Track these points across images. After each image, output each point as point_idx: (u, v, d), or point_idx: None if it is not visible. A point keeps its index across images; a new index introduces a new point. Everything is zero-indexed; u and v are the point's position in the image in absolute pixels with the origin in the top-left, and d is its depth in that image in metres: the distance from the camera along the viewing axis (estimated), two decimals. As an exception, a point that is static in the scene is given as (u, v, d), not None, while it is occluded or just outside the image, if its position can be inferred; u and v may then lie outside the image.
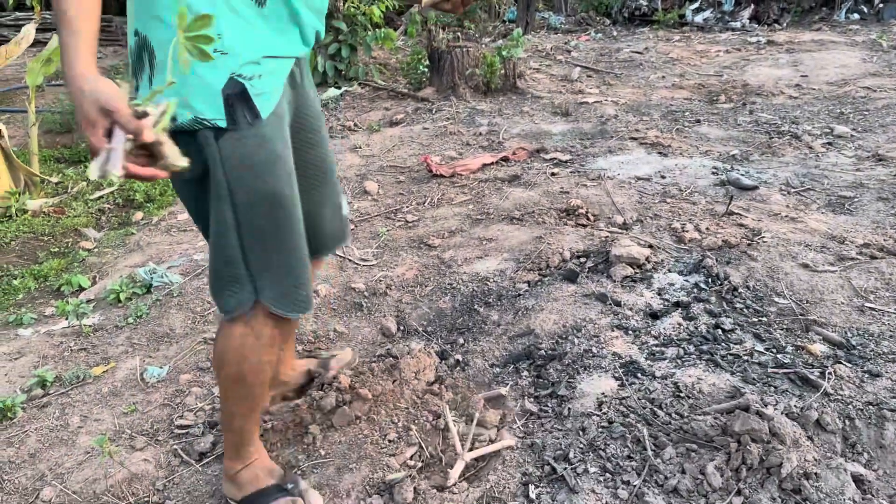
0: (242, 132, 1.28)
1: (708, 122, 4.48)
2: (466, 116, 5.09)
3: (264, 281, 1.38)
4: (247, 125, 1.28)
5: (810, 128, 4.27)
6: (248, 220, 1.34)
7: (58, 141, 4.47)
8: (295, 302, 1.42)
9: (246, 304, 1.38)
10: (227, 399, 1.52)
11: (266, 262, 1.37)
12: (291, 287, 1.41)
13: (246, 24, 1.27)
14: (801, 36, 7.01)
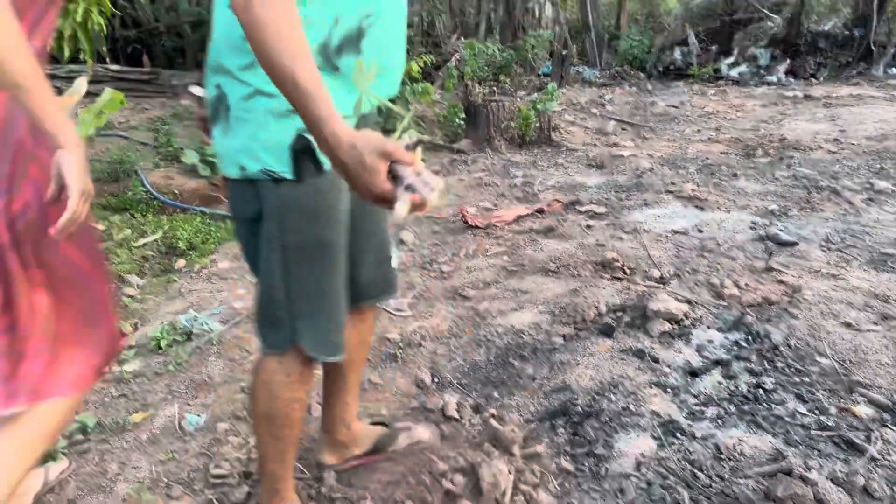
0: (303, 183, 1.36)
1: (745, 176, 4.46)
2: (501, 168, 5.14)
3: (303, 324, 1.44)
4: (309, 177, 1.36)
5: (850, 183, 4.23)
6: (296, 265, 1.42)
7: (105, 189, 4.60)
8: (328, 347, 1.48)
9: (283, 344, 1.46)
10: (259, 440, 1.59)
11: (306, 306, 1.44)
12: (326, 332, 1.47)
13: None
14: (838, 90, 6.98)
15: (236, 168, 1.37)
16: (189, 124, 6.71)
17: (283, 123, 1.33)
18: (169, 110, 7.36)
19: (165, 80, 8.14)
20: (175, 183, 4.66)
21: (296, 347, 1.46)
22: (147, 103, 7.78)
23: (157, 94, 8.06)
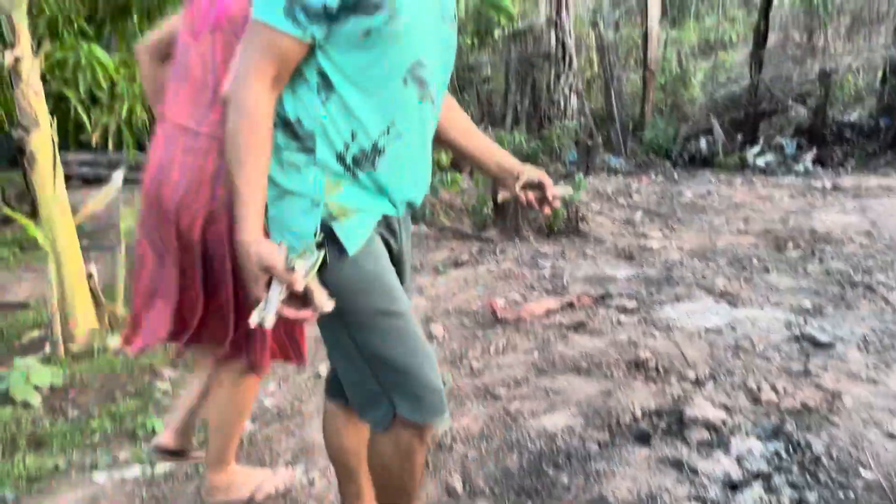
0: (331, 268, 1.44)
1: (777, 271, 4.44)
2: (530, 258, 5.17)
3: (397, 394, 1.50)
4: (335, 260, 1.44)
5: (884, 278, 4.19)
6: (367, 342, 1.49)
7: (141, 278, 4.70)
8: (428, 407, 1.51)
9: (387, 420, 1.53)
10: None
11: (394, 376, 1.50)
12: (421, 396, 1.51)
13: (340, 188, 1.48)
14: (867, 181, 6.99)
15: None
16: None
17: (308, 217, 1.44)
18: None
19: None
20: (209, 272, 4.74)
21: (400, 419, 1.51)
22: (183, 190, 8.00)
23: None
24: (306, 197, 1.44)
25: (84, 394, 3.30)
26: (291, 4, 1.34)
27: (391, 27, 1.39)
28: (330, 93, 1.42)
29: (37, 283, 4.92)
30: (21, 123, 3.50)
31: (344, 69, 1.42)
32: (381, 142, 1.46)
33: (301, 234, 1.44)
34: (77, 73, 4.87)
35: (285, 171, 1.46)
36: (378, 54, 1.41)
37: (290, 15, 1.35)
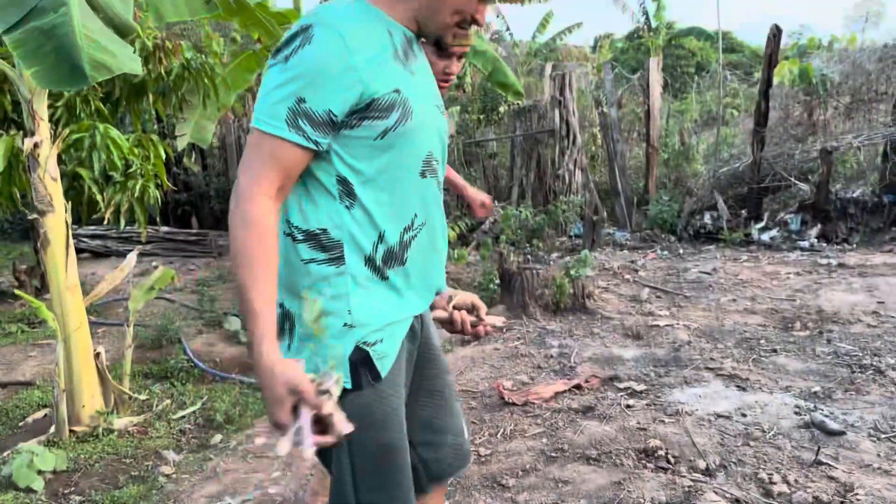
0: (364, 391, 1.44)
1: (785, 353, 4.42)
2: (537, 337, 5.16)
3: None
4: (368, 386, 1.45)
5: (893, 361, 4.16)
6: (363, 469, 1.48)
7: (148, 356, 4.70)
8: None
9: None
10: None
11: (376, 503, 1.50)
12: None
13: (371, 295, 1.47)
14: (872, 258, 7.01)
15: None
16: (232, 286, 6.92)
17: (342, 338, 1.43)
18: (214, 271, 7.62)
19: (212, 241, 8.49)
20: (216, 350, 4.76)
21: None
22: (193, 263, 8.09)
23: (203, 254, 8.39)
24: (339, 318, 1.43)
25: (87, 477, 3.27)
26: (295, 115, 1.35)
27: (406, 125, 1.43)
28: (353, 199, 1.44)
29: (44, 360, 4.93)
30: (36, 207, 3.57)
31: (364, 173, 1.44)
32: (406, 236, 1.50)
33: (332, 357, 1.43)
34: (92, 153, 4.99)
35: (316, 287, 1.44)
36: (396, 153, 1.45)
37: (293, 125, 1.35)
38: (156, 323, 5.15)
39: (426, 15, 1.48)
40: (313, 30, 1.36)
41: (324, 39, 1.35)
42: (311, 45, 1.35)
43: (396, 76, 1.43)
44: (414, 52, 1.52)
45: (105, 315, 5.93)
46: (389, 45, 1.44)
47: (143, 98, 5.59)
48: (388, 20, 1.47)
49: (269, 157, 1.37)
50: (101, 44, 2.24)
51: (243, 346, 4.79)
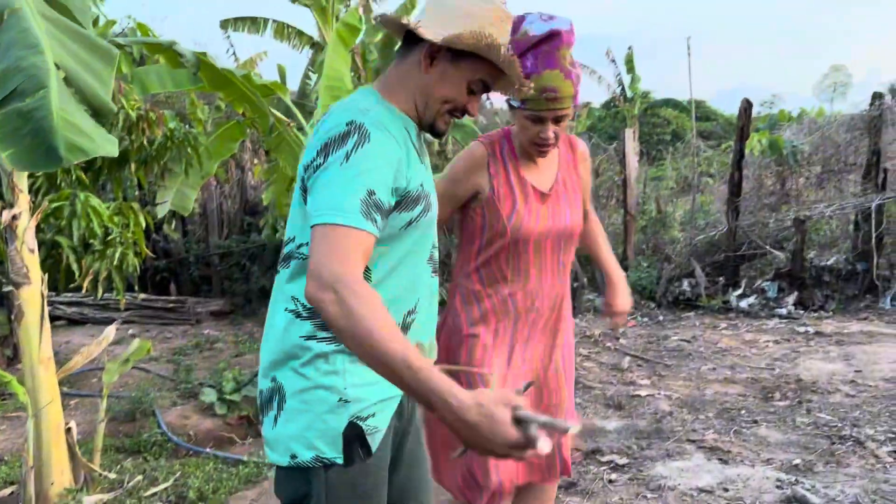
0: (356, 467, 1.49)
1: (766, 424, 4.41)
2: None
3: None
4: (359, 460, 1.49)
5: (873, 432, 4.17)
6: None
7: (121, 429, 4.59)
8: None
9: None
10: None
11: None
12: None
13: (368, 372, 1.43)
14: (849, 326, 7.08)
15: (287, 457, 1.49)
16: (209, 355, 6.83)
17: (337, 413, 1.47)
18: (191, 339, 7.53)
19: (190, 308, 8.41)
20: (191, 423, 4.66)
21: None
22: (170, 331, 7.99)
23: (180, 321, 8.30)
24: (335, 393, 1.47)
25: (52, 561, 3.14)
26: (368, 207, 1.39)
27: (426, 217, 1.57)
28: (366, 275, 1.49)
29: (13, 433, 4.80)
30: (12, 279, 3.53)
31: (381, 258, 1.52)
32: (408, 319, 1.58)
33: (324, 432, 1.47)
34: (72, 221, 4.98)
35: (314, 362, 1.49)
36: (412, 242, 1.57)
37: (368, 216, 1.39)
38: (130, 394, 5.04)
39: (421, 104, 1.59)
40: (367, 128, 1.44)
41: (380, 137, 1.45)
42: (370, 144, 1.43)
43: (421, 170, 1.58)
44: (422, 144, 1.65)
45: (78, 386, 5.81)
46: (412, 141, 1.58)
47: (125, 167, 5.62)
48: (402, 115, 1.59)
49: (352, 247, 1.36)
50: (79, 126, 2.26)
51: (219, 418, 4.70)
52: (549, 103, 2.07)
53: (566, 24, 2.08)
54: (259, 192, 9.73)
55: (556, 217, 2.24)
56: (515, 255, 2.24)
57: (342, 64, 6.66)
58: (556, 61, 2.05)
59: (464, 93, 1.57)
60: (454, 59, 1.53)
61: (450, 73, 1.54)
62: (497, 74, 1.57)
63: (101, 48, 2.63)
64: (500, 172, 2.25)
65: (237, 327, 8.12)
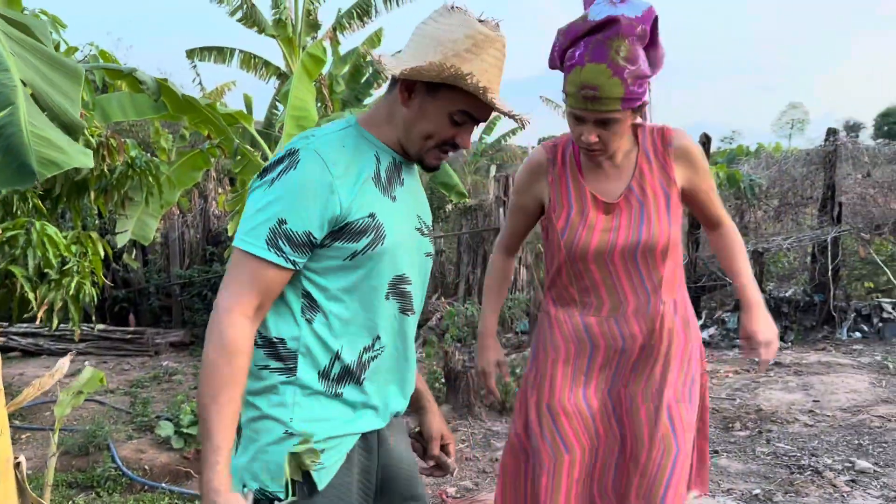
0: (298, 501, 1.44)
1: (727, 454, 4.44)
2: (482, 439, 5.09)
3: None
4: (305, 496, 1.44)
5: (830, 461, 4.22)
6: None
7: (74, 464, 4.46)
8: None
9: None
10: None
11: None
12: None
13: (318, 408, 1.48)
14: (807, 356, 7.20)
15: (239, 485, 1.45)
16: (167, 387, 6.70)
17: (282, 446, 1.44)
18: (149, 371, 7.38)
19: (149, 339, 8.25)
20: (146, 457, 4.54)
21: None
22: (128, 363, 7.83)
23: (139, 352, 8.14)
24: (282, 425, 1.45)
25: None
26: (276, 236, 1.39)
27: (376, 250, 1.47)
28: (315, 313, 1.47)
29: (-41, 469, 4.62)
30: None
31: (329, 290, 1.47)
32: (364, 357, 1.51)
33: (267, 464, 1.45)
34: (27, 250, 4.87)
35: (265, 393, 1.47)
36: (362, 274, 1.48)
37: (273, 245, 1.40)
38: (84, 427, 4.91)
39: (404, 139, 1.54)
40: (299, 154, 1.43)
41: (308, 164, 1.41)
42: (295, 170, 1.41)
43: (374, 201, 1.48)
44: (401, 177, 1.57)
45: (30, 419, 5.63)
46: (372, 171, 1.50)
47: (85, 195, 5.53)
48: (379, 145, 1.54)
49: (249, 276, 1.40)
50: (50, 140, 2.22)
51: (175, 452, 4.59)
52: (588, 103, 1.80)
53: (636, 9, 1.78)
54: (223, 222, 9.65)
55: (623, 230, 1.96)
56: (577, 273, 2.02)
57: (307, 94, 6.68)
58: (606, 53, 1.75)
59: (447, 125, 1.49)
60: (430, 91, 1.46)
61: (428, 106, 1.48)
62: (481, 103, 1.46)
63: (66, 66, 2.61)
64: (559, 180, 2.04)
65: (197, 358, 7.98)
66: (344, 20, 12.86)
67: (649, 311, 2.00)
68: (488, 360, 2.31)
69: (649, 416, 1.97)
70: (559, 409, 2.04)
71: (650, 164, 2.00)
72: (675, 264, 2.03)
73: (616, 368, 2.04)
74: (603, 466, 2.06)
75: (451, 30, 1.45)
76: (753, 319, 2.01)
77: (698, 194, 2.07)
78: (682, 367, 2.02)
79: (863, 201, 8.99)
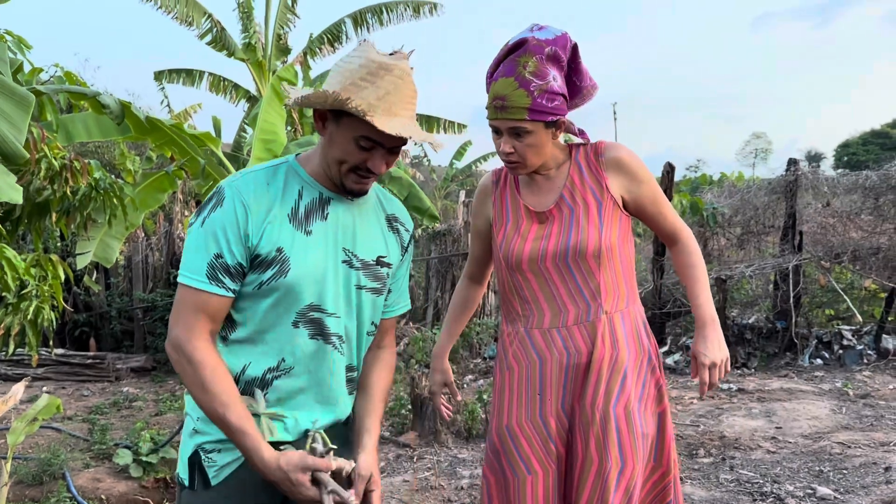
0: (197, 493, 1.62)
1: (691, 481, 4.46)
2: (448, 467, 5.05)
3: None
4: (201, 488, 1.62)
5: (792, 488, 4.26)
6: None
7: (27, 494, 4.33)
8: None
9: None
10: None
11: None
12: None
13: None
14: (770, 383, 7.30)
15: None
16: (127, 414, 6.55)
17: (192, 439, 1.65)
18: (109, 397, 7.22)
19: (110, 364, 8.09)
20: (103, 486, 4.43)
21: None
22: (88, 388, 7.66)
23: (99, 378, 7.97)
24: (191, 422, 1.65)
25: None
26: (214, 269, 1.56)
27: (279, 280, 1.59)
28: (231, 329, 1.64)
29: None
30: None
31: (242, 312, 1.63)
32: (269, 376, 1.63)
33: (183, 455, 1.65)
34: (-16, 273, 4.76)
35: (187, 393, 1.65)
36: (270, 302, 1.61)
37: (213, 278, 1.56)
38: (39, 456, 4.77)
39: (325, 167, 1.64)
40: (224, 193, 1.59)
41: (229, 203, 1.57)
42: (220, 209, 1.58)
43: (284, 236, 1.60)
44: (324, 211, 1.66)
45: (-18, 446, 5.46)
46: (289, 207, 1.62)
47: (46, 216, 5.43)
48: (308, 180, 1.66)
49: (195, 308, 1.56)
50: (-19, 173, 2.19)
51: (134, 480, 4.48)
52: (498, 112, 1.94)
53: (549, 34, 1.93)
54: (188, 245, 9.53)
55: (553, 236, 2.04)
56: (517, 285, 2.10)
57: (277, 118, 6.67)
58: (514, 69, 1.91)
59: (355, 150, 1.57)
60: (335, 118, 1.56)
61: (335, 134, 1.58)
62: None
63: (16, 93, 2.58)
64: (500, 198, 2.18)
65: (158, 384, 7.83)
66: (315, 45, 12.90)
67: (590, 318, 2.03)
68: (435, 381, 2.46)
69: (598, 430, 1.97)
70: (517, 430, 2.07)
71: (581, 174, 2.08)
72: (615, 274, 2.06)
73: (565, 383, 2.05)
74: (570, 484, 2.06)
75: (351, 61, 1.56)
76: (700, 340, 2.05)
77: (644, 204, 2.10)
78: (634, 381, 2.04)
79: (823, 230, 9.20)
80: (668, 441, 2.12)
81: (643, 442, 2.03)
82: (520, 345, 2.10)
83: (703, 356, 2.02)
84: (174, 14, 11.53)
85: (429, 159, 26.00)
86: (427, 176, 25.24)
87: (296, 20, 12.65)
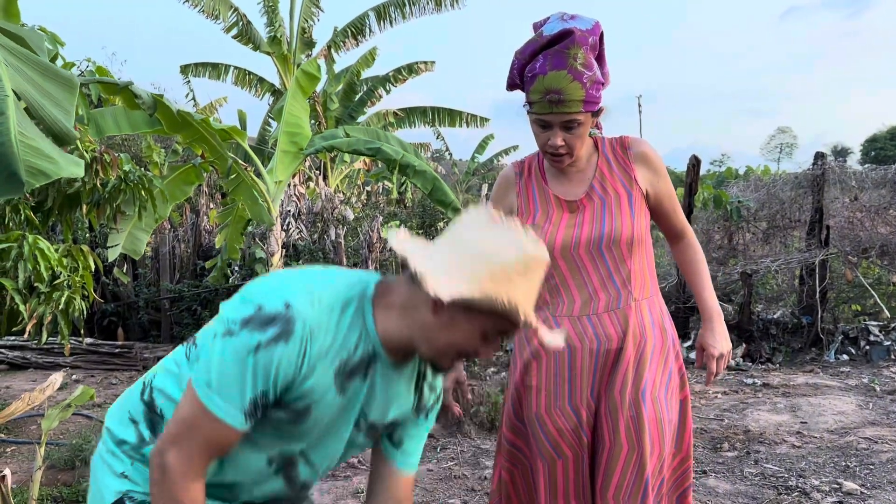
0: None
1: (715, 474, 4.46)
2: (471, 457, 5.08)
3: None
4: None
5: (818, 482, 4.24)
6: None
7: (59, 478, 4.42)
8: None
9: None
10: None
11: None
12: None
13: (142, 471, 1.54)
14: (795, 378, 7.24)
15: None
16: (156, 402, 6.64)
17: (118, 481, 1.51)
18: (137, 386, 7.32)
19: (137, 353, 8.21)
20: (134, 472, 4.50)
21: None
22: (116, 377, 7.78)
23: (127, 367, 8.09)
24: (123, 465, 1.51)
25: None
26: (255, 408, 1.35)
27: (287, 426, 1.47)
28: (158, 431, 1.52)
29: (-57, 483, 4.57)
30: (-49, 324, 3.43)
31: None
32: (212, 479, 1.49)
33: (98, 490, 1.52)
34: (18, 263, 4.86)
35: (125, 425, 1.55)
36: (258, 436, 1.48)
37: (251, 416, 1.36)
38: (70, 441, 4.87)
39: (421, 342, 1.43)
40: (294, 327, 1.33)
41: (295, 346, 1.33)
42: (284, 346, 1.32)
43: (319, 391, 1.42)
44: (367, 371, 1.47)
45: (16, 432, 5.59)
46: (340, 360, 1.42)
47: (77, 208, 5.53)
48: (368, 331, 1.44)
49: (210, 441, 1.35)
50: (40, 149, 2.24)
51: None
52: (553, 106, 1.91)
53: (586, 23, 1.92)
54: (214, 237, 9.65)
55: (586, 224, 2.05)
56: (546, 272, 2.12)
57: (301, 111, 6.73)
58: (565, 61, 1.87)
59: (476, 341, 1.40)
60: (468, 309, 1.35)
61: (461, 323, 1.38)
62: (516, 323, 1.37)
63: (61, 76, 2.63)
64: (525, 189, 2.17)
65: (186, 374, 7.94)
66: (339, 38, 12.96)
67: (621, 306, 2.07)
68: (447, 377, 2.39)
69: (628, 418, 2.02)
70: (546, 417, 2.10)
71: (610, 166, 2.12)
72: (643, 264, 2.12)
73: (595, 370, 2.08)
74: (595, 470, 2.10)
75: (500, 249, 1.35)
76: (709, 332, 2.20)
77: (662, 199, 2.17)
78: (660, 368, 2.10)
79: (850, 225, 9.09)
80: (688, 428, 2.17)
81: (669, 427, 2.07)
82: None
83: (712, 347, 2.16)
84: (201, 7, 11.64)
85: (450, 153, 26.03)
86: (448, 170, 25.26)
87: (320, 14, 12.72)
